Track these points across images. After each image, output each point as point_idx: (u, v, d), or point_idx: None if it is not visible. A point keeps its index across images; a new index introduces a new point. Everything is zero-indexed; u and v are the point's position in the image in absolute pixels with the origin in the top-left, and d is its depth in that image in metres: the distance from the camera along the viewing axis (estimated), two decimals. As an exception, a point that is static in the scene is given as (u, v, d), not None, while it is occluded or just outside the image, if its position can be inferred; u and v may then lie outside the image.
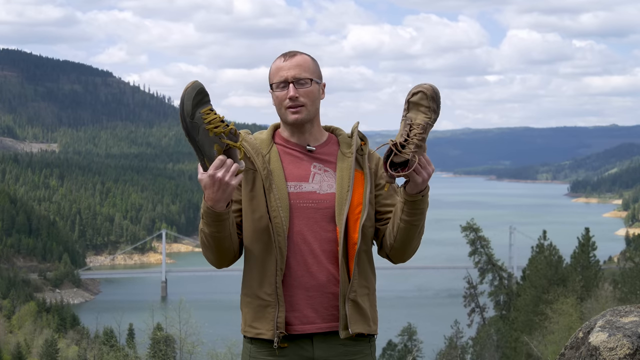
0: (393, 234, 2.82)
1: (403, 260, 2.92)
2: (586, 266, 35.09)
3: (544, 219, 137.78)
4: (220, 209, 2.66)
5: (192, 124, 2.58)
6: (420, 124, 2.67)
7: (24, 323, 52.89)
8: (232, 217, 2.74)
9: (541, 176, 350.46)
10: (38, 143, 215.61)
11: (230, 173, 2.60)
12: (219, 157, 2.60)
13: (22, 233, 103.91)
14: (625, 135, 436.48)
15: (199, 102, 2.60)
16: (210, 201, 2.64)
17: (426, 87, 2.70)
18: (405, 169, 2.67)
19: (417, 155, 2.66)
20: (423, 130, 2.67)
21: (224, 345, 22.90)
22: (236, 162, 2.64)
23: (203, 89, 2.61)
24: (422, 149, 2.67)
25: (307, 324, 2.79)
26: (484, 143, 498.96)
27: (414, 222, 2.78)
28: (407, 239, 2.82)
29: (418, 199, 2.73)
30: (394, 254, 2.88)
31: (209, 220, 2.69)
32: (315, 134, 2.91)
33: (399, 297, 75.85)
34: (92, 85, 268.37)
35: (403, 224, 2.78)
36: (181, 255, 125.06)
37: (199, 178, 2.64)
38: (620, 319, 2.71)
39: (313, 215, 2.81)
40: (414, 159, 2.65)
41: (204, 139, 2.60)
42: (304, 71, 2.82)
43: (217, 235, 2.73)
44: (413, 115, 2.70)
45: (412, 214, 2.76)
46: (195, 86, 2.59)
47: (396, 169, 2.69)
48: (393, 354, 39.93)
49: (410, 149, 2.66)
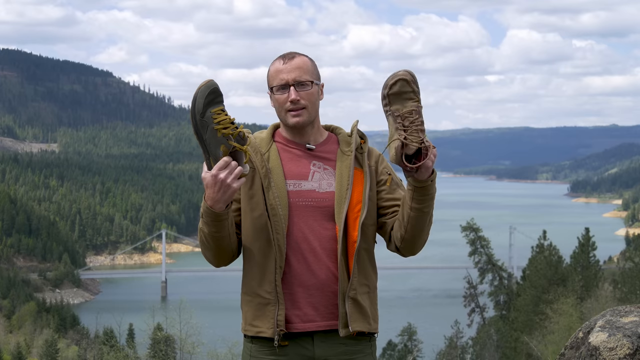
0: (404, 225, 2.80)
1: (413, 253, 2.90)
2: (586, 266, 35.08)
3: (544, 219, 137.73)
4: (219, 209, 2.66)
5: (201, 121, 2.60)
6: (414, 109, 2.66)
7: (24, 323, 52.90)
8: (231, 217, 2.75)
9: (541, 176, 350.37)
10: (38, 143, 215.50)
11: (233, 175, 2.61)
12: (223, 158, 2.61)
13: (22, 233, 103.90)
14: (625, 135, 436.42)
15: (211, 102, 2.62)
16: (210, 201, 2.65)
17: (402, 74, 2.68)
18: (420, 157, 2.67)
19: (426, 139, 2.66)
20: (419, 114, 2.66)
21: (225, 346, 22.90)
22: (241, 165, 2.65)
23: (217, 89, 2.63)
24: (424, 133, 2.67)
25: (307, 322, 2.79)
26: (484, 143, 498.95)
27: (424, 209, 2.77)
28: (418, 227, 2.80)
29: (428, 183, 2.73)
30: (405, 246, 2.86)
31: (207, 220, 2.70)
32: (316, 134, 2.91)
33: (399, 297, 75.84)
34: (92, 85, 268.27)
35: (414, 212, 2.77)
36: (181, 255, 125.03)
37: (202, 176, 2.65)
38: (620, 319, 2.71)
39: (312, 213, 2.81)
40: (428, 143, 2.64)
41: (211, 138, 2.61)
42: (304, 73, 2.82)
43: (215, 235, 2.73)
44: (399, 106, 2.68)
45: (423, 201, 2.75)
46: (209, 85, 2.62)
47: (411, 161, 2.68)
48: (393, 354, 39.91)
49: (420, 136, 2.65)
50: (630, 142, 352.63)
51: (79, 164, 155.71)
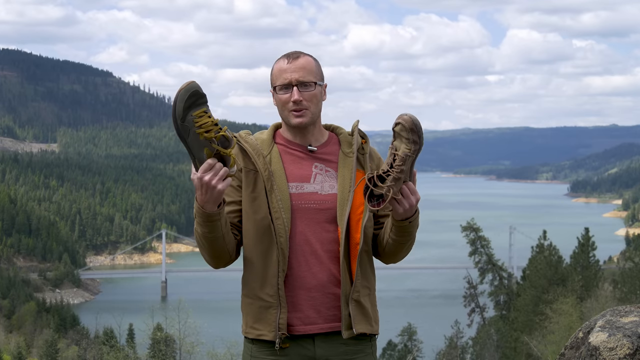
0: (384, 242, 2.87)
1: (394, 262, 2.99)
2: (586, 266, 35.11)
3: (544, 219, 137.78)
4: (210, 209, 2.66)
5: (182, 126, 2.57)
6: (400, 156, 2.68)
7: (24, 323, 52.93)
8: (225, 218, 2.73)
9: (541, 176, 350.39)
10: (38, 143, 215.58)
11: (217, 177, 2.59)
12: (207, 160, 2.59)
13: (22, 233, 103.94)
14: (625, 135, 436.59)
15: (192, 105, 2.56)
16: (199, 202, 2.66)
17: (405, 119, 2.69)
18: (382, 201, 2.69)
19: (395, 190, 2.66)
20: (402, 162, 2.67)
21: (224, 346, 22.92)
22: (226, 167, 2.62)
23: (197, 91, 2.57)
24: (401, 181, 2.68)
25: (309, 324, 2.79)
26: (484, 143, 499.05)
27: (402, 242, 2.83)
28: (396, 251, 2.88)
29: (405, 224, 2.76)
30: (385, 258, 2.95)
31: (200, 220, 2.70)
32: (317, 134, 2.91)
33: (399, 297, 75.84)
34: (92, 85, 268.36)
35: (391, 240, 2.83)
36: (181, 255, 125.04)
37: (191, 178, 2.65)
38: (620, 319, 2.71)
39: (315, 216, 2.82)
40: (388, 194, 2.66)
41: (194, 142, 2.58)
42: (308, 74, 2.82)
43: (209, 236, 2.73)
44: (397, 144, 2.71)
45: (400, 235, 2.80)
46: (188, 88, 2.56)
47: (378, 200, 2.70)
48: (393, 354, 39.93)
49: (386, 184, 2.67)
50: (630, 142, 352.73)
51: (79, 164, 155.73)
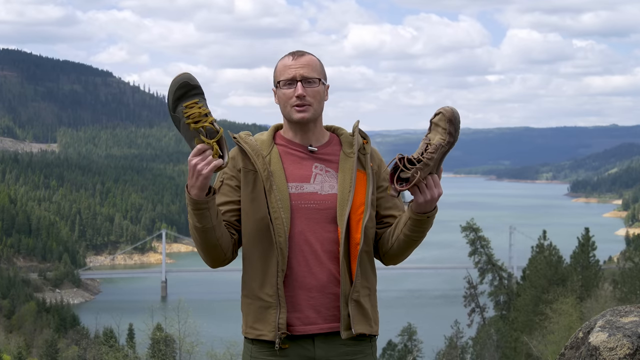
0: (391, 242, 2.86)
1: (394, 264, 2.97)
2: (586, 266, 35.12)
3: (544, 219, 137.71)
4: (196, 196, 2.68)
5: (174, 117, 2.67)
6: (434, 144, 2.69)
7: (24, 323, 52.92)
8: (215, 210, 2.73)
9: (541, 176, 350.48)
10: (38, 143, 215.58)
11: (204, 162, 2.63)
12: (197, 146, 2.65)
13: (22, 233, 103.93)
14: (625, 135, 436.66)
15: (183, 95, 2.65)
16: (188, 186, 2.70)
17: (446, 109, 2.72)
18: (407, 184, 2.69)
19: (422, 174, 2.67)
20: (435, 150, 2.69)
21: (223, 345, 22.94)
22: (223, 154, 2.68)
23: (187, 83, 2.65)
24: (429, 169, 2.68)
25: (309, 324, 2.79)
26: (484, 143, 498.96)
27: (414, 238, 2.82)
28: (405, 249, 2.87)
29: (423, 218, 2.76)
30: (387, 258, 2.92)
31: (189, 209, 2.73)
32: (318, 134, 2.91)
33: (399, 297, 75.85)
34: (92, 85, 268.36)
35: (403, 236, 2.81)
36: (181, 255, 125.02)
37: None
38: (620, 319, 2.71)
39: (314, 216, 2.81)
40: (415, 175, 2.66)
41: (185, 132, 2.67)
42: (312, 71, 2.83)
43: (198, 226, 2.73)
44: (432, 135, 2.73)
45: (415, 231, 2.79)
46: (179, 79, 2.65)
47: (402, 184, 2.70)
48: (393, 354, 39.94)
49: (415, 166, 2.67)
50: (630, 142, 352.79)
51: (79, 164, 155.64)
